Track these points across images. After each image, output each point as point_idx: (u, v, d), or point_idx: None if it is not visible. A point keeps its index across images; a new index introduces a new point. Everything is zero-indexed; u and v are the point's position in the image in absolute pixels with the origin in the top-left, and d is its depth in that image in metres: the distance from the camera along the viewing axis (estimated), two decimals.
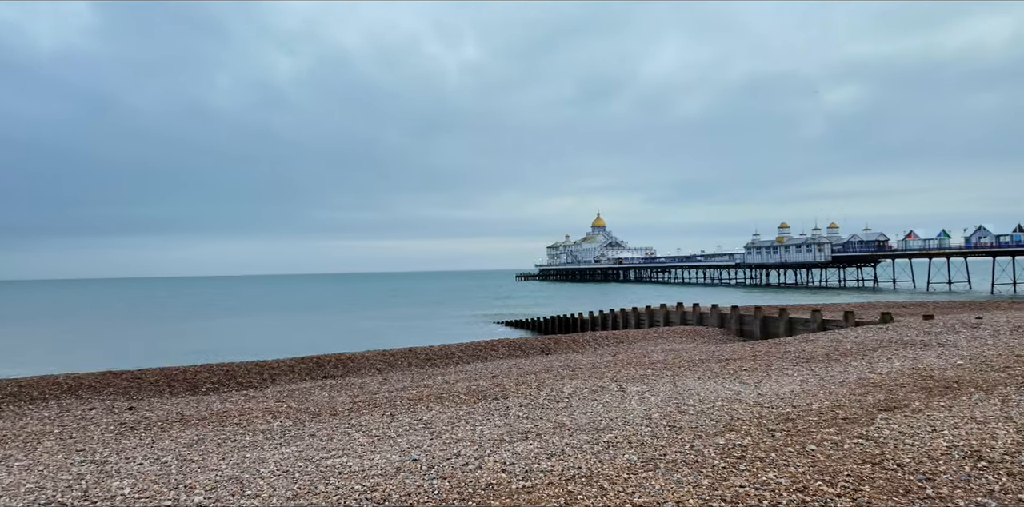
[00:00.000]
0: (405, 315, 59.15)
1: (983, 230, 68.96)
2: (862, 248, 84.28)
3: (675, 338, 22.62)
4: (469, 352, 19.97)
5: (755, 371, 10.49)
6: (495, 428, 7.17)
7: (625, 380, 10.32)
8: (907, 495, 4.07)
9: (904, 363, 9.98)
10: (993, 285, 63.49)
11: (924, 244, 75.20)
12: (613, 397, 8.71)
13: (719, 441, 5.68)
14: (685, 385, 9.38)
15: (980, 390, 7.34)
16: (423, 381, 13.35)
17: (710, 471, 4.78)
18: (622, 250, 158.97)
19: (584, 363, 14.18)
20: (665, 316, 30.20)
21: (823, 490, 4.21)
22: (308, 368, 17.68)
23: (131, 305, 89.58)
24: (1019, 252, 64.08)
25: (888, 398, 7.25)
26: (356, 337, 36.76)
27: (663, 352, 16.22)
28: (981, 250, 67.57)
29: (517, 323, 43.08)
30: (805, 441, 5.47)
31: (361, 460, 6.00)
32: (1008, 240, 66.18)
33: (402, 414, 8.72)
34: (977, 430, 5.49)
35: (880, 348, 12.31)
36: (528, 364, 15.57)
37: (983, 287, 65.50)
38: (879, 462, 4.76)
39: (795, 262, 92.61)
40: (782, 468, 4.73)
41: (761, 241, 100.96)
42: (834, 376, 9.28)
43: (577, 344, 21.50)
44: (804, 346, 13.71)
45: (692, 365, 11.91)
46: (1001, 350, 10.57)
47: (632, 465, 5.10)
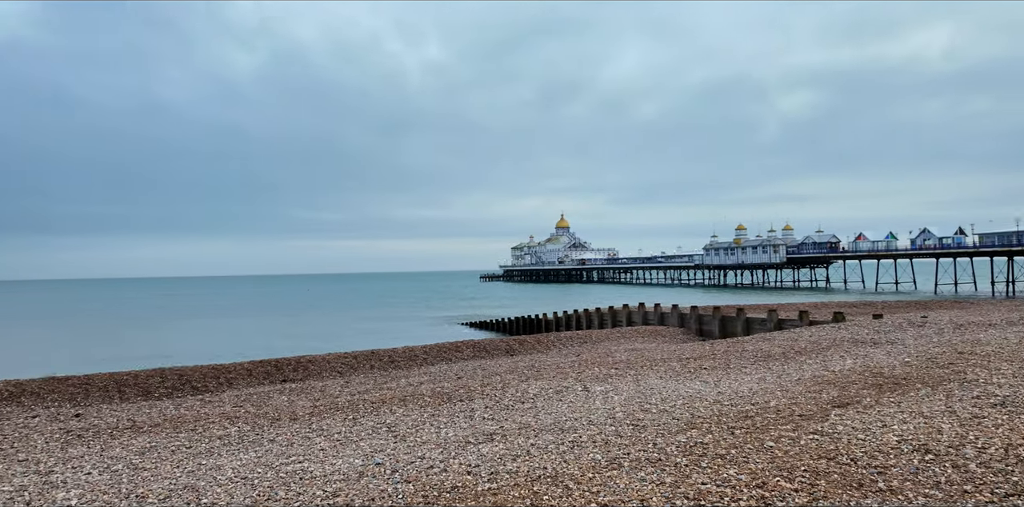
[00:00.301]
0: (369, 316, 58.37)
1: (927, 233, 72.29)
2: (815, 249, 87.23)
3: (638, 338, 22.95)
4: (433, 354, 19.84)
5: (715, 370, 10.72)
6: (460, 430, 7.13)
7: (589, 380, 10.40)
8: (860, 488, 4.22)
9: (856, 361, 10.35)
10: (936, 285, 66.55)
11: (873, 246, 78.38)
12: (578, 397, 8.77)
13: (681, 439, 5.78)
14: (648, 384, 9.51)
15: (926, 386, 7.66)
16: (386, 384, 13.19)
17: (673, 469, 4.85)
18: (585, 251, 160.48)
19: (549, 363, 14.24)
20: (628, 316, 30.60)
21: (782, 485, 4.33)
22: (267, 371, 17.26)
23: (88, 307, 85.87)
24: (960, 254, 67.36)
25: (841, 395, 7.50)
26: (317, 339, 36.06)
27: (626, 352, 16.42)
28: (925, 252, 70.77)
29: (482, 324, 43.01)
30: (764, 438, 5.61)
31: (323, 465, 5.88)
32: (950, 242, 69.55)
33: (365, 417, 8.59)
34: (924, 424, 5.73)
35: (833, 346, 12.74)
36: (493, 365, 15.55)
37: (927, 287, 68.59)
38: (834, 457, 4.91)
39: (752, 263, 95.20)
40: (742, 465, 4.83)
41: (719, 243, 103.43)
42: (790, 374, 9.55)
43: (542, 344, 21.59)
44: (761, 345, 14.08)
45: (654, 364, 12.09)
46: (945, 347, 11.07)
47: (597, 464, 5.13)
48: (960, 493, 4.05)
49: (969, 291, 63.37)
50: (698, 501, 4.14)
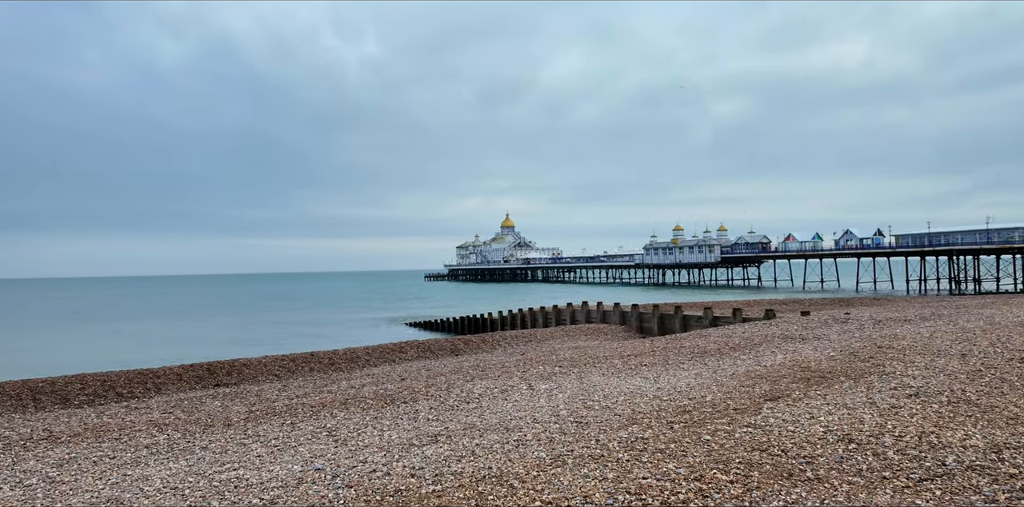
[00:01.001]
0: (308, 318, 56.76)
1: (850, 234, 76.87)
2: (747, 250, 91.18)
3: (581, 336, 23.30)
4: (376, 355, 19.49)
5: (654, 366, 11.01)
6: (404, 432, 7.03)
7: (534, 378, 10.48)
8: (790, 478, 4.43)
9: (786, 356, 10.87)
10: (858, 283, 70.82)
11: (800, 246, 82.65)
12: (523, 396, 8.82)
13: (623, 435, 5.90)
14: (591, 381, 9.67)
15: (849, 379, 8.13)
16: (327, 387, 12.86)
17: (615, 464, 4.95)
18: (530, 250, 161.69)
19: (494, 363, 14.26)
20: (571, 315, 31.03)
21: (718, 478, 4.48)
22: (198, 376, 16.50)
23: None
24: (878, 254, 71.98)
25: (773, 389, 7.85)
26: (253, 342, 34.78)
27: (570, 350, 16.64)
28: (848, 252, 75.24)
29: (426, 324, 42.61)
30: (701, 431, 5.81)
31: (259, 472, 5.66)
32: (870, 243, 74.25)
33: (304, 422, 8.34)
34: (847, 415, 6.07)
35: (765, 342, 13.33)
36: (438, 365, 15.43)
37: (850, 285, 72.87)
38: (766, 449, 5.13)
39: (689, 262, 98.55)
40: (681, 459, 4.98)
41: (658, 242, 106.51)
42: (725, 369, 9.92)
43: (487, 344, 21.59)
44: (698, 341, 14.57)
45: (597, 362, 12.30)
46: (866, 342, 11.78)
47: (541, 462, 5.17)
48: (879, 479, 4.32)
49: (887, 289, 67.73)
50: (639, 495, 4.24)
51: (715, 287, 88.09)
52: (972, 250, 62.57)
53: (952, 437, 5.13)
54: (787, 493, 4.13)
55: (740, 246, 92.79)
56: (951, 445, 4.92)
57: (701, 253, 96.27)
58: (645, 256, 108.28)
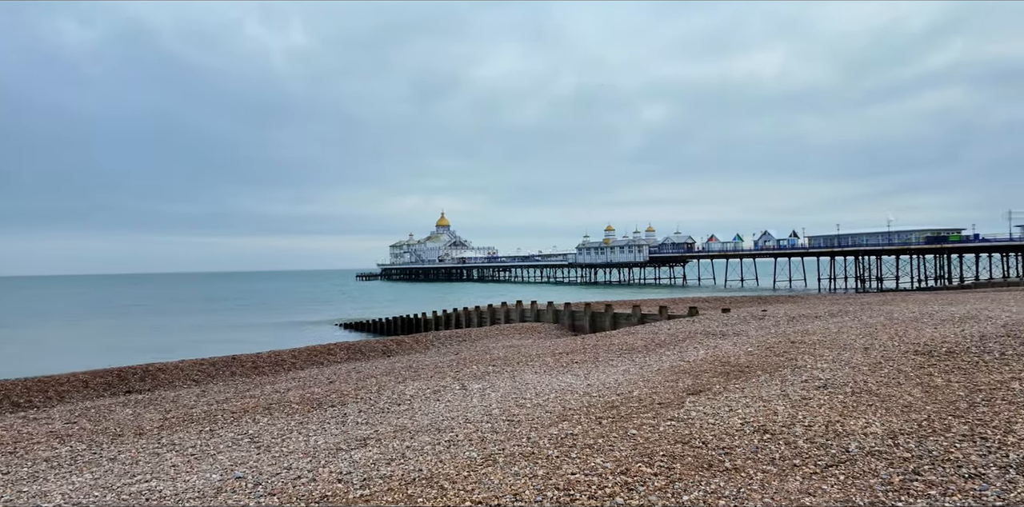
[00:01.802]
0: (231, 320, 54.20)
1: (767, 235, 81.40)
2: (673, 250, 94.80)
3: (515, 335, 23.46)
4: (303, 358, 18.86)
5: (585, 363, 11.24)
6: (331, 437, 6.83)
7: (467, 378, 10.45)
8: (710, 469, 4.63)
9: (708, 351, 11.35)
10: (775, 282, 75.04)
11: (722, 246, 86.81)
12: (455, 396, 8.77)
13: (553, 431, 5.98)
14: (523, 380, 9.75)
15: (765, 372, 8.59)
16: (249, 391, 12.33)
17: (545, 461, 5.01)
18: (466, 250, 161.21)
19: (427, 363, 14.11)
20: (506, 314, 31.19)
21: (643, 471, 4.63)
22: (107, 382, 15.42)
23: None
24: (793, 254, 76.58)
25: (695, 383, 8.18)
26: (170, 345, 32.86)
27: (504, 349, 16.71)
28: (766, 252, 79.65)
29: (357, 325, 41.62)
30: (627, 426, 5.97)
31: (174, 483, 5.35)
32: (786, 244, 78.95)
33: (224, 429, 7.96)
34: (763, 408, 6.41)
35: (688, 338, 13.88)
36: (368, 367, 15.11)
37: (768, 283, 77.08)
38: (688, 441, 5.34)
39: (619, 262, 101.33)
40: (608, 453, 5.11)
41: (590, 242, 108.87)
42: (651, 365, 10.26)
43: (420, 344, 21.35)
44: (626, 338, 14.99)
45: (530, 360, 12.42)
46: (781, 338, 12.48)
47: (472, 462, 5.16)
48: (790, 467, 4.59)
49: (800, 287, 72.13)
50: (567, 491, 4.31)
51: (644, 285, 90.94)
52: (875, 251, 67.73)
53: (855, 425, 5.52)
54: (707, 483, 4.32)
55: (667, 246, 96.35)
56: (854, 433, 5.30)
57: (631, 253, 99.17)
58: (578, 256, 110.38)
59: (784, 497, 4.01)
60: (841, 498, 3.95)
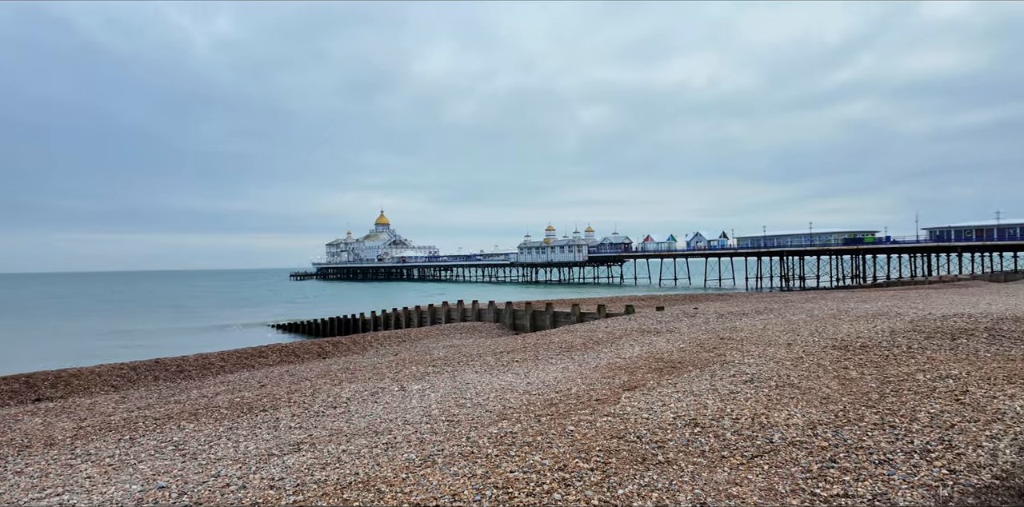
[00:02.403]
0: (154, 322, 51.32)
1: (699, 236, 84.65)
2: (611, 250, 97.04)
3: (456, 334, 23.35)
4: (233, 361, 18.09)
5: (525, 362, 11.32)
6: (262, 442, 6.59)
7: (406, 379, 10.32)
8: (644, 462, 4.76)
9: (643, 348, 11.68)
10: (706, 280, 78.05)
11: (657, 247, 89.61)
12: (394, 397, 8.64)
13: (493, 430, 5.99)
14: (464, 379, 9.72)
15: (696, 368, 8.92)
16: (174, 396, 11.72)
17: (484, 460, 5.01)
18: (406, 249, 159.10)
19: (365, 365, 13.84)
20: (447, 313, 31.00)
21: (580, 466, 4.71)
22: (13, 390, 14.27)
23: None
24: (723, 254, 79.92)
25: (631, 379, 8.40)
26: (86, 349, 30.78)
27: (444, 349, 16.61)
28: (697, 253, 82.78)
29: (291, 326, 40.30)
30: (566, 423, 6.06)
31: (89, 496, 5.02)
32: (716, 244, 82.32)
33: (145, 436, 7.53)
34: (694, 402, 6.66)
35: (625, 336, 14.23)
36: (303, 370, 14.67)
37: (699, 282, 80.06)
38: (623, 436, 5.48)
39: (559, 261, 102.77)
40: (547, 450, 5.17)
41: (532, 242, 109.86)
42: (589, 362, 10.45)
43: (358, 345, 20.91)
44: (566, 337, 15.22)
45: (471, 359, 12.40)
46: (711, 334, 13.00)
47: (411, 464, 5.11)
48: (719, 459, 4.78)
49: (730, 285, 75.33)
50: (506, 489, 4.33)
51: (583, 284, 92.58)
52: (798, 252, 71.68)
53: (778, 417, 5.82)
54: (641, 477, 4.44)
55: (605, 246, 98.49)
56: (777, 424, 5.58)
57: (571, 252, 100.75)
58: (519, 255, 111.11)
59: (713, 488, 4.17)
60: (765, 487, 4.15)
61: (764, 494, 4.02)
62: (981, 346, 9.33)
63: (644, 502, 4.00)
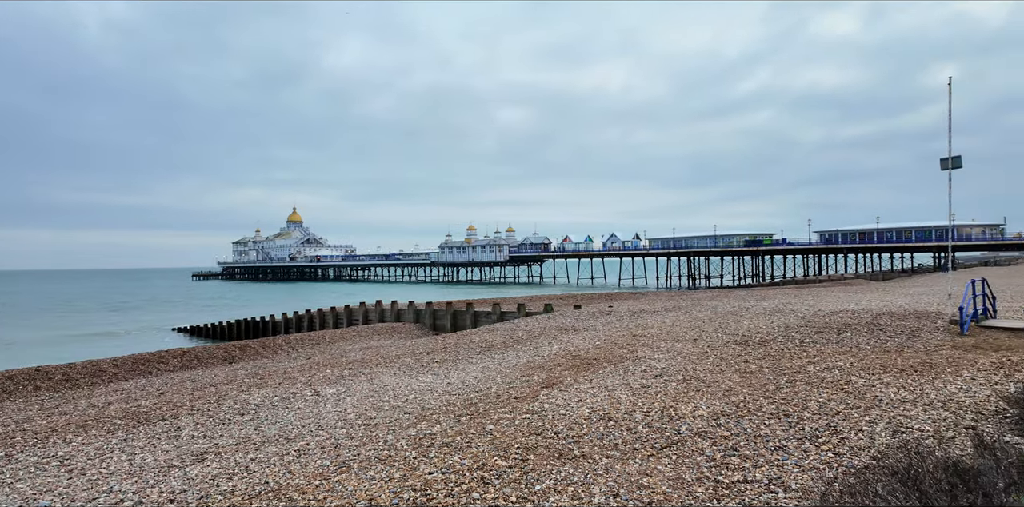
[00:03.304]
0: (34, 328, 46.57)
1: (614, 237, 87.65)
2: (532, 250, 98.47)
3: (374, 336, 22.85)
4: (127, 367, 16.77)
5: (445, 362, 11.27)
6: (161, 454, 6.17)
7: (320, 383, 9.99)
8: (561, 457, 4.87)
9: (560, 346, 11.94)
10: (620, 279, 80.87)
11: (575, 247, 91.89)
12: (307, 402, 8.34)
13: (411, 433, 5.93)
14: (382, 382, 9.54)
15: (611, 364, 9.23)
16: (59, 407, 10.72)
17: (402, 463, 4.95)
18: (320, 247, 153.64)
19: (275, 369, 13.25)
20: (364, 314, 30.26)
21: (498, 464, 4.75)
22: None
23: None
24: (636, 254, 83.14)
25: (549, 376, 8.57)
26: None
27: (361, 351, 16.21)
28: (613, 253, 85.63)
29: (194, 330, 37.87)
30: (485, 422, 6.09)
31: None
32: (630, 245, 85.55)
33: (25, 452, 6.84)
34: (608, 397, 6.89)
35: (544, 334, 14.49)
36: (207, 375, 13.84)
37: (614, 281, 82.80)
38: (541, 432, 5.58)
39: (481, 261, 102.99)
40: (466, 450, 5.17)
41: (453, 242, 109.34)
42: (509, 361, 10.56)
43: (268, 349, 19.98)
44: (486, 336, 15.28)
45: (389, 361, 12.18)
46: (624, 331, 13.49)
47: (325, 470, 4.96)
48: (631, 451, 4.98)
49: (642, 284, 78.43)
50: (424, 491, 4.30)
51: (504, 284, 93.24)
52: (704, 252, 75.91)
53: (685, 409, 6.13)
54: (557, 471, 4.55)
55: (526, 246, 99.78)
56: (685, 416, 5.88)
57: (492, 252, 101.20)
58: (440, 254, 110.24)
59: (625, 479, 4.34)
60: (673, 476, 4.37)
61: (672, 483, 4.23)
62: (862, 339, 10.26)
63: (561, 496, 4.10)
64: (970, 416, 5.33)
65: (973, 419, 5.23)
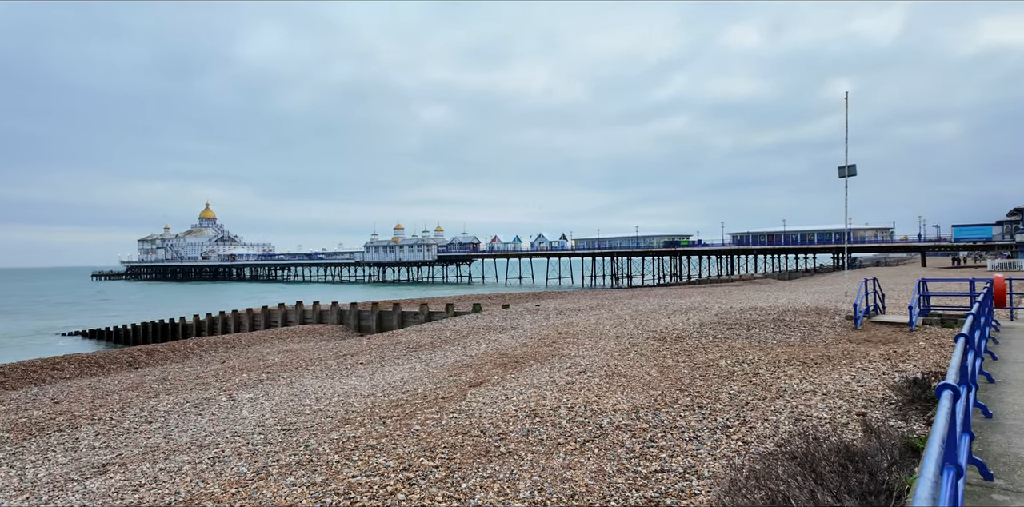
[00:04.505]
0: None
1: (542, 237, 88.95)
2: (460, 249, 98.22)
3: (294, 338, 22.05)
4: (16, 375, 15.35)
5: (371, 363, 11.06)
6: (57, 467, 5.70)
7: (236, 388, 9.55)
8: (487, 455, 4.92)
9: (489, 345, 12.00)
10: (547, 279, 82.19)
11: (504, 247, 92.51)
12: (222, 408, 7.95)
13: (334, 436, 5.79)
14: (303, 385, 9.24)
15: (537, 362, 9.38)
16: None
17: (324, 468, 4.83)
18: (236, 246, 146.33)
19: (186, 374, 12.53)
20: (284, 316, 29.14)
21: (424, 465, 4.73)
22: None
23: None
24: (563, 254, 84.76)
25: (477, 376, 8.60)
26: None
27: (281, 354, 15.61)
28: (540, 253, 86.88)
29: (94, 334, 35.10)
30: (411, 423, 6.05)
31: None
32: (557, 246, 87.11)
33: None
34: (534, 394, 7.00)
35: (472, 334, 14.51)
36: (110, 382, 12.89)
37: (541, 280, 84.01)
38: (468, 431, 5.60)
39: (408, 260, 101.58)
40: (391, 452, 5.11)
41: (379, 241, 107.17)
42: (436, 361, 10.51)
43: (178, 353, 18.86)
44: (413, 337, 15.12)
45: (310, 364, 11.80)
46: (550, 330, 13.73)
47: (242, 478, 4.76)
48: (556, 446, 5.09)
49: (568, 283, 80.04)
50: (348, 495, 4.22)
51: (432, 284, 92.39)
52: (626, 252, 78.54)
53: (607, 404, 6.34)
54: (483, 469, 4.59)
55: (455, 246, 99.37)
56: (606, 411, 6.08)
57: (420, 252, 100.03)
58: (366, 254, 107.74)
59: (550, 473, 4.44)
60: (595, 469, 4.51)
61: (594, 476, 4.37)
62: (769, 335, 10.97)
63: (486, 493, 4.14)
64: (861, 403, 5.83)
65: (864, 406, 5.73)
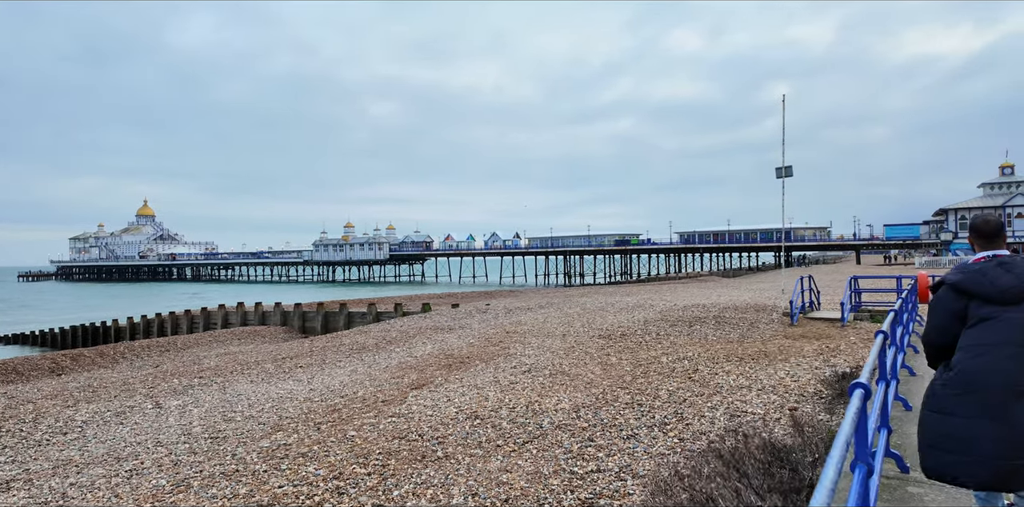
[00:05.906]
0: None
1: (495, 236, 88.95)
2: (413, 248, 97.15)
3: (233, 340, 21.24)
4: None
5: (310, 366, 10.71)
6: None
7: (164, 394, 9.06)
8: (423, 460, 4.78)
9: (435, 346, 11.82)
10: (501, 277, 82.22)
11: (457, 245, 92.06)
12: (146, 416, 7.52)
13: (264, 444, 5.53)
14: (236, 390, 8.84)
15: (483, 362, 9.28)
16: None
17: (250, 478, 4.59)
18: (176, 244, 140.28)
19: (112, 380, 11.84)
20: (224, 317, 28.06)
21: (356, 472, 4.56)
22: None
23: None
24: (516, 253, 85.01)
25: (420, 377, 8.42)
26: None
27: (217, 357, 14.96)
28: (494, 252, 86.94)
29: (15, 338, 32.90)
30: (347, 428, 5.84)
31: None
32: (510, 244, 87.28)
33: None
34: (477, 395, 6.90)
35: (418, 334, 14.28)
36: (27, 390, 12.04)
37: (495, 279, 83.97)
38: (405, 436, 5.45)
39: (359, 259, 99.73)
40: (322, 460, 4.91)
41: (329, 239, 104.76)
42: (380, 363, 10.26)
43: (106, 358, 17.85)
44: (358, 338, 14.76)
45: (247, 368, 11.35)
46: (498, 329, 13.65)
47: (159, 491, 4.47)
48: (494, 448, 5.00)
49: (522, 282, 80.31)
50: (273, 506, 4.01)
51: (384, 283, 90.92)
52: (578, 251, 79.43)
53: (549, 403, 6.29)
54: (418, 475, 4.45)
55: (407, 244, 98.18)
56: (548, 410, 6.03)
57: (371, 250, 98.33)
58: (315, 253, 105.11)
59: (486, 477, 4.34)
60: (532, 470, 4.44)
61: (531, 478, 4.30)
62: (710, 331, 11.20)
63: (419, 500, 4.00)
64: (794, 398, 5.98)
65: (796, 401, 5.87)
